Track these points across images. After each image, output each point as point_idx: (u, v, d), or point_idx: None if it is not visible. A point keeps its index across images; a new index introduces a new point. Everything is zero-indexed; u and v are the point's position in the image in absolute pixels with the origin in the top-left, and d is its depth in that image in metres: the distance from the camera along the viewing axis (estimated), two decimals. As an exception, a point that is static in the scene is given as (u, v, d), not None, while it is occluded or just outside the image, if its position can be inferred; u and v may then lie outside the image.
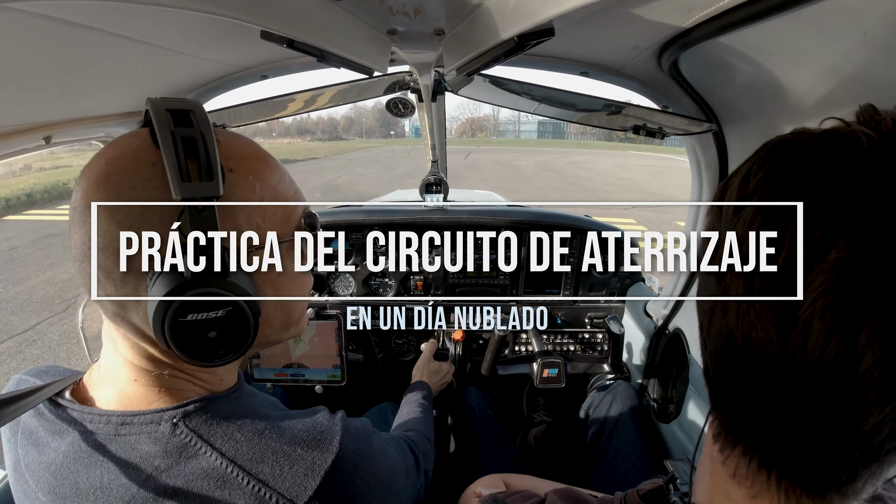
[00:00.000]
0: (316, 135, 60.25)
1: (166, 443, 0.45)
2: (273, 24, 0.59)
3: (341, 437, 0.51)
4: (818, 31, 0.53)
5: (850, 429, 0.25)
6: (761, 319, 0.27)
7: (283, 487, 0.46)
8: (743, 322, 0.28)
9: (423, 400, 1.09)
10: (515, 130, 61.65)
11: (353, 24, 0.72)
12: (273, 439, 0.48)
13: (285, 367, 1.35)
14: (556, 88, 1.02)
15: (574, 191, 13.52)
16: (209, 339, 0.43)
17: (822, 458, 0.27)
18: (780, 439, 0.28)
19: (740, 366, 0.28)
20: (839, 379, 0.24)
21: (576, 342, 1.64)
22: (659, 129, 1.03)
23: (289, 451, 0.48)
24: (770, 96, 0.74)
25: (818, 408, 0.26)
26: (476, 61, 0.74)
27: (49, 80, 0.69)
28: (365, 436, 0.56)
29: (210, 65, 0.95)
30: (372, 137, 57.73)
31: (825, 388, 0.25)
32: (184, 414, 0.46)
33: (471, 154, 28.59)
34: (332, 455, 0.49)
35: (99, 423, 0.46)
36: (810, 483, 0.28)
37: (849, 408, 0.25)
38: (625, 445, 1.22)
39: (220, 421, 0.47)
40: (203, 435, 0.46)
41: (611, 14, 0.68)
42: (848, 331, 0.24)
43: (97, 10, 0.58)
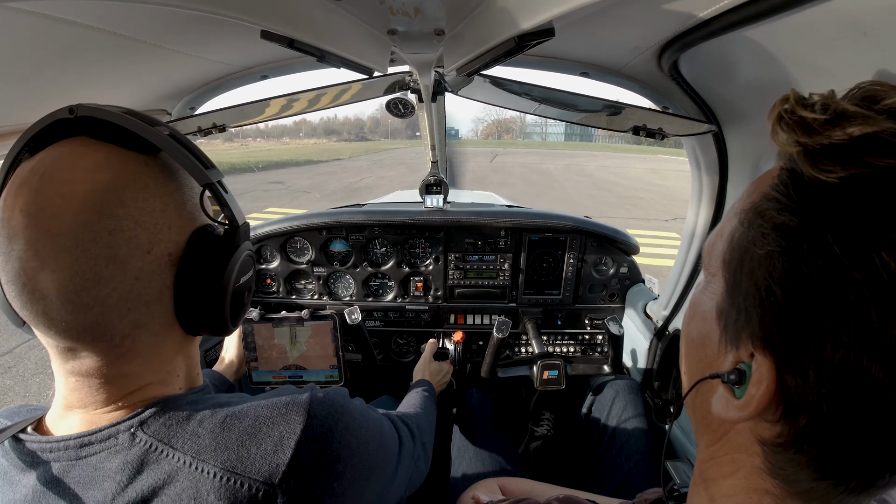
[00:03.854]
0: (342, 135, 60.42)
1: (126, 454, 0.43)
2: (273, 24, 0.59)
3: (309, 404, 0.49)
4: (818, 31, 0.53)
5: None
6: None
7: (254, 470, 0.43)
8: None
9: (424, 391, 1.09)
10: (542, 133, 61.34)
11: (354, 24, 0.72)
12: (236, 425, 0.46)
13: (283, 370, 1.35)
14: (556, 89, 1.02)
15: (608, 197, 12.72)
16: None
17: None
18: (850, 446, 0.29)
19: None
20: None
21: (576, 343, 1.64)
22: (659, 129, 1.03)
23: (253, 431, 0.45)
24: (770, 97, 0.73)
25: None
26: (476, 61, 0.74)
27: (49, 80, 0.69)
28: (338, 399, 0.53)
29: (210, 65, 0.95)
30: (397, 138, 57.80)
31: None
32: (140, 422, 0.45)
33: (497, 157, 27.99)
34: (300, 424, 0.47)
35: (58, 450, 0.44)
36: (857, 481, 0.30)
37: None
38: (628, 445, 1.22)
39: (181, 421, 0.45)
40: (163, 438, 0.44)
41: (611, 14, 0.68)
42: None
43: (97, 10, 0.58)
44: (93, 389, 0.46)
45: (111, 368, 0.45)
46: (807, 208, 0.29)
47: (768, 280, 0.31)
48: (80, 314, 0.41)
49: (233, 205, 0.51)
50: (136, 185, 0.44)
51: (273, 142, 74.31)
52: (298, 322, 1.31)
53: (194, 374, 0.55)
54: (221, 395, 0.53)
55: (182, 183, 0.49)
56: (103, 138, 0.45)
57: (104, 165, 0.43)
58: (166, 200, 0.46)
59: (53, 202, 0.40)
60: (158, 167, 0.47)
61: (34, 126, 0.45)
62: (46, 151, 0.43)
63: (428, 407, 1.01)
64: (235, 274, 0.50)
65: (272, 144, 63.20)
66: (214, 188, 0.49)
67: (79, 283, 0.40)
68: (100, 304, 0.42)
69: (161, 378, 0.49)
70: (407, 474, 0.71)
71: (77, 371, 0.45)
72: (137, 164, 0.45)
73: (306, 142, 48.15)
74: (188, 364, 0.53)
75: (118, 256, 0.42)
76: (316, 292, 1.63)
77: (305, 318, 1.30)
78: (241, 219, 0.52)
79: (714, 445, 0.39)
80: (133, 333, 0.45)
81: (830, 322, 0.27)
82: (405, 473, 0.70)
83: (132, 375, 0.47)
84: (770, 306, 0.31)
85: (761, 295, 0.31)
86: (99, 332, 0.43)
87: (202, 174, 0.48)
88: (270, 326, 1.32)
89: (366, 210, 1.58)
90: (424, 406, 0.99)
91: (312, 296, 1.63)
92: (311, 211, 1.57)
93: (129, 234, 0.42)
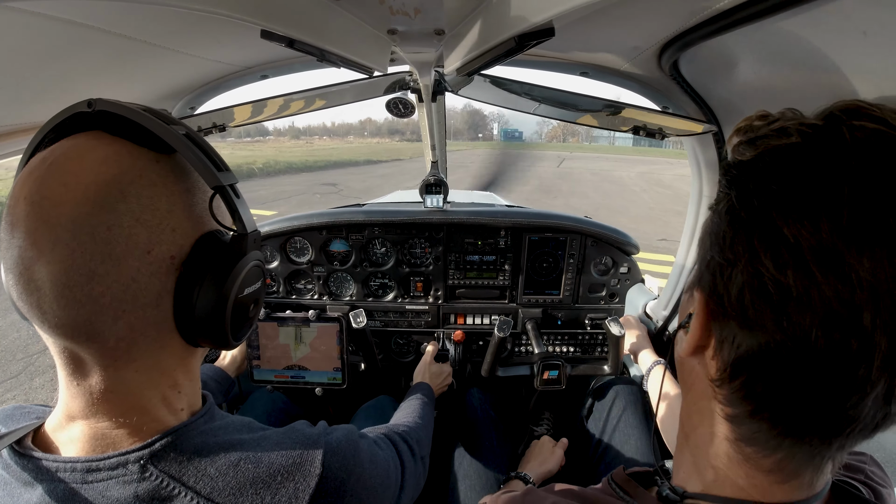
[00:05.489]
0: (405, 135, 60.41)
1: (136, 487, 0.42)
2: (273, 23, 0.59)
3: (323, 457, 0.49)
4: (818, 31, 0.53)
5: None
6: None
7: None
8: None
9: (423, 396, 1.09)
10: (610, 136, 60.24)
11: (354, 24, 0.72)
12: (250, 470, 0.45)
13: (286, 369, 1.35)
14: (556, 89, 1.02)
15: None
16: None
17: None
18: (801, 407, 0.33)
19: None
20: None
21: (576, 343, 1.64)
22: (659, 129, 1.03)
23: (268, 480, 0.45)
24: (770, 97, 0.74)
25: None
26: (476, 61, 0.74)
27: (49, 80, 0.69)
28: (350, 447, 0.53)
29: (210, 65, 0.95)
30: (459, 139, 57.25)
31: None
32: (150, 454, 0.43)
33: (564, 162, 26.28)
34: (314, 478, 0.47)
35: (65, 471, 0.43)
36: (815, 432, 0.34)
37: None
38: (627, 445, 1.22)
39: (192, 456, 0.45)
40: (175, 475, 0.43)
41: (611, 14, 0.68)
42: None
43: (97, 10, 0.58)
44: (94, 397, 0.44)
45: (107, 373, 0.44)
46: (728, 179, 0.38)
47: (703, 232, 0.40)
48: (72, 310, 0.40)
49: (244, 211, 0.48)
50: (143, 182, 0.43)
51: (338, 140, 74.89)
52: (304, 323, 1.31)
53: (196, 390, 0.53)
54: (228, 421, 0.52)
55: (194, 185, 0.47)
56: (119, 134, 0.44)
57: (113, 159, 0.42)
58: (174, 201, 0.45)
59: (56, 191, 0.39)
60: (170, 166, 0.45)
61: (54, 118, 0.44)
62: (60, 143, 0.43)
63: (426, 415, 1.00)
64: (239, 284, 0.48)
65: (337, 142, 63.55)
66: (225, 192, 0.47)
67: (72, 278, 0.39)
68: (92, 301, 0.40)
69: (162, 393, 0.48)
70: (410, 495, 0.72)
71: (75, 374, 0.44)
72: (148, 161, 0.44)
73: (370, 140, 48.04)
74: (190, 380, 0.51)
75: (114, 253, 0.40)
76: (316, 292, 1.63)
77: (312, 319, 1.30)
78: (251, 226, 0.49)
79: (688, 397, 0.44)
80: (128, 337, 0.43)
81: (732, 254, 0.35)
82: (409, 493, 0.71)
83: (131, 384, 0.45)
84: (702, 254, 0.39)
85: (700, 249, 0.40)
86: (92, 332, 0.41)
87: (213, 177, 0.45)
88: (275, 326, 1.32)
89: (366, 210, 1.58)
90: (423, 415, 0.99)
91: (312, 296, 1.63)
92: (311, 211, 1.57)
93: (129, 232, 0.41)
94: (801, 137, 0.33)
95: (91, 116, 0.43)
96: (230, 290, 0.47)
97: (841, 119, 0.32)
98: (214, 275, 0.46)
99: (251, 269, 0.50)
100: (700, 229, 1.18)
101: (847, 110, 0.32)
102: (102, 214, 0.40)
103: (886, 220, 0.29)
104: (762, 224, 0.33)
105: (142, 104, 0.46)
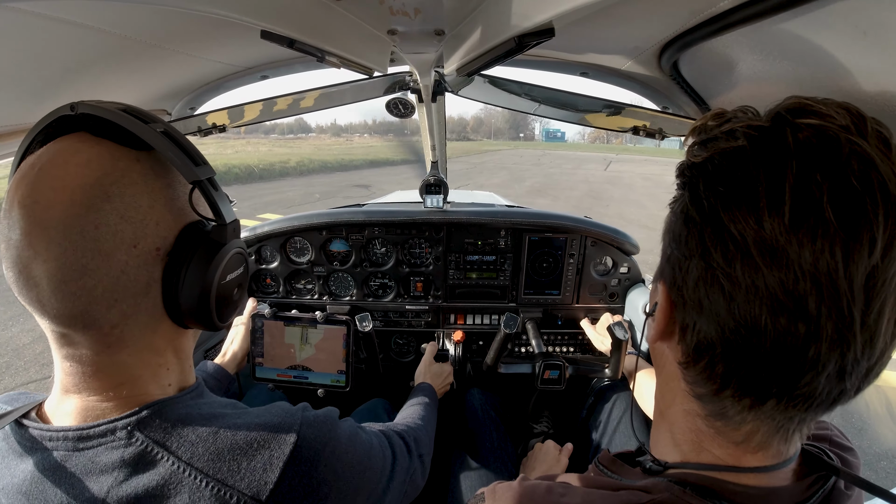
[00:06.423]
0: (448, 136, 60.36)
1: (123, 452, 0.45)
2: (273, 24, 0.59)
3: (300, 427, 0.51)
4: (818, 31, 0.53)
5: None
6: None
7: (243, 485, 0.46)
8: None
9: (425, 397, 1.09)
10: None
11: (354, 24, 0.72)
12: (228, 438, 0.48)
13: (289, 369, 1.35)
14: (555, 89, 1.02)
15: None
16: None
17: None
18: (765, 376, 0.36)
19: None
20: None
21: (576, 344, 1.64)
22: (659, 130, 1.04)
23: (245, 447, 0.48)
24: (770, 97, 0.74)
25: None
26: (476, 62, 0.74)
27: (49, 81, 0.69)
28: (327, 423, 0.55)
29: (210, 65, 0.95)
30: (500, 139, 56.23)
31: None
32: (137, 421, 0.46)
33: (611, 164, 25.13)
34: (289, 445, 0.49)
35: (57, 440, 0.46)
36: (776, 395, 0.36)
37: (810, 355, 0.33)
38: (627, 446, 1.22)
39: (175, 424, 0.47)
40: (158, 440, 0.46)
41: (611, 14, 0.68)
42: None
43: (98, 11, 0.58)
44: (86, 375, 0.47)
45: (102, 356, 0.47)
46: (682, 180, 0.41)
47: (664, 229, 0.43)
48: (68, 302, 0.43)
49: (222, 203, 0.51)
50: (124, 182, 0.45)
51: (377, 138, 74.85)
52: (311, 324, 1.31)
53: (186, 369, 0.56)
54: (214, 399, 0.55)
55: (174, 180, 0.50)
56: (102, 135, 0.46)
57: (95, 161, 0.44)
58: (155, 197, 0.47)
59: (46, 195, 0.42)
60: (150, 164, 0.48)
61: (40, 122, 0.47)
62: (47, 147, 0.45)
63: (428, 417, 1.01)
64: (221, 270, 0.52)
65: (376, 140, 63.37)
66: (203, 185, 0.49)
67: (66, 274, 0.42)
68: (87, 293, 0.43)
69: (152, 371, 0.50)
70: (401, 488, 0.72)
71: (71, 356, 0.47)
72: (129, 160, 0.46)
73: (410, 139, 47.69)
74: (179, 358, 0.54)
75: (103, 249, 0.43)
76: (316, 292, 1.62)
77: (320, 320, 1.30)
78: (229, 217, 0.53)
79: (660, 378, 0.48)
80: (122, 323, 0.46)
81: (687, 249, 0.38)
82: (399, 488, 0.71)
83: (123, 365, 0.48)
84: (664, 248, 0.43)
85: (662, 244, 0.43)
86: (88, 321, 0.44)
87: (190, 172, 0.48)
88: (282, 325, 1.32)
89: (366, 210, 1.58)
90: (424, 416, 0.99)
91: (312, 296, 1.63)
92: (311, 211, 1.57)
93: (115, 229, 0.44)
94: (747, 141, 0.36)
95: (75, 119, 0.46)
96: (213, 277, 0.51)
97: (786, 119, 0.35)
98: (198, 263, 0.50)
99: (233, 257, 0.54)
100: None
101: (793, 109, 0.35)
102: (90, 215, 0.43)
103: (824, 214, 0.31)
104: (712, 222, 0.36)
105: (126, 104, 0.48)
